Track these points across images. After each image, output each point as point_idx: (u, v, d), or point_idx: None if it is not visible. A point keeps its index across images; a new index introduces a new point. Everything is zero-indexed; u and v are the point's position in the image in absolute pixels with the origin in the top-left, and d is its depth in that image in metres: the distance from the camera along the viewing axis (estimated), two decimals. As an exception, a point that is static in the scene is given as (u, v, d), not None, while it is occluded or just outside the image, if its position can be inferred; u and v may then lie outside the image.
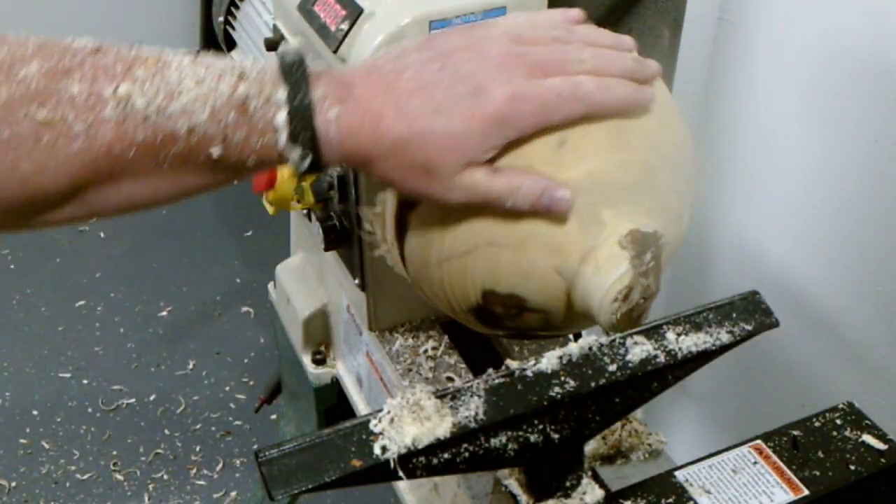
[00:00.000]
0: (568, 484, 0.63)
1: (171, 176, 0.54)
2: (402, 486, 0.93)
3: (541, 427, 0.57)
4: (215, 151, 0.53)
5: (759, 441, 0.67)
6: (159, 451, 2.02)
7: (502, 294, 0.62)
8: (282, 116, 0.53)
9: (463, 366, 0.91)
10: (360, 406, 1.07)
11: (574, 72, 0.56)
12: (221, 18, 1.82)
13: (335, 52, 0.81)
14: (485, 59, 0.55)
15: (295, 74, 0.53)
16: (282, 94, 0.53)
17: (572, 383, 0.56)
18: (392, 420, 0.54)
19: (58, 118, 0.51)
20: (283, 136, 0.53)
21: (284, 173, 0.94)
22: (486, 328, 0.67)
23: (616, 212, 0.59)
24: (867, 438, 0.67)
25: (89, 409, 2.13)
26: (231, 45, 1.88)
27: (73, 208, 0.54)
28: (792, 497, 0.63)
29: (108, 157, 0.52)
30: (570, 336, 0.81)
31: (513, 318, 0.64)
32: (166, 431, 2.07)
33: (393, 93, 0.54)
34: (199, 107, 0.52)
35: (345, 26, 0.80)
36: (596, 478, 0.65)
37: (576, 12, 0.61)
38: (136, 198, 0.56)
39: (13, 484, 1.94)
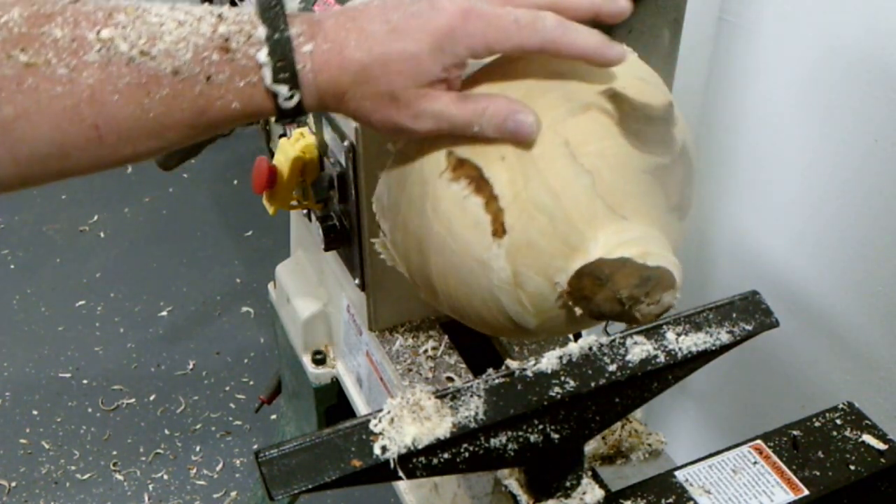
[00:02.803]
0: (568, 484, 0.63)
1: (156, 127, 0.54)
2: (402, 486, 0.93)
3: (541, 427, 0.57)
4: (199, 94, 0.53)
5: (759, 441, 0.67)
6: (159, 451, 2.02)
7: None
8: (263, 52, 0.53)
9: (463, 366, 0.91)
10: (360, 406, 1.07)
11: (538, 5, 0.56)
12: (221, 18, 1.81)
13: (335, 52, 0.81)
14: None
15: (272, 12, 0.54)
16: (261, 31, 0.53)
17: (572, 383, 0.57)
18: (392, 420, 0.54)
19: (41, 61, 0.51)
20: (268, 73, 0.54)
21: (284, 173, 0.94)
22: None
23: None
24: (867, 438, 0.67)
25: (89, 409, 2.13)
26: (231, 45, 1.87)
27: (59, 161, 0.53)
28: (792, 497, 0.63)
29: (92, 103, 0.52)
30: (570, 336, 0.81)
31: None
32: (166, 431, 2.07)
33: (357, 21, 0.55)
34: (183, 47, 0.52)
35: (345, 26, 0.80)
36: (596, 478, 0.65)
37: None
38: (122, 154, 0.55)
39: (13, 484, 1.94)
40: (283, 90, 0.54)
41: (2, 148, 0.52)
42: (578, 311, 0.59)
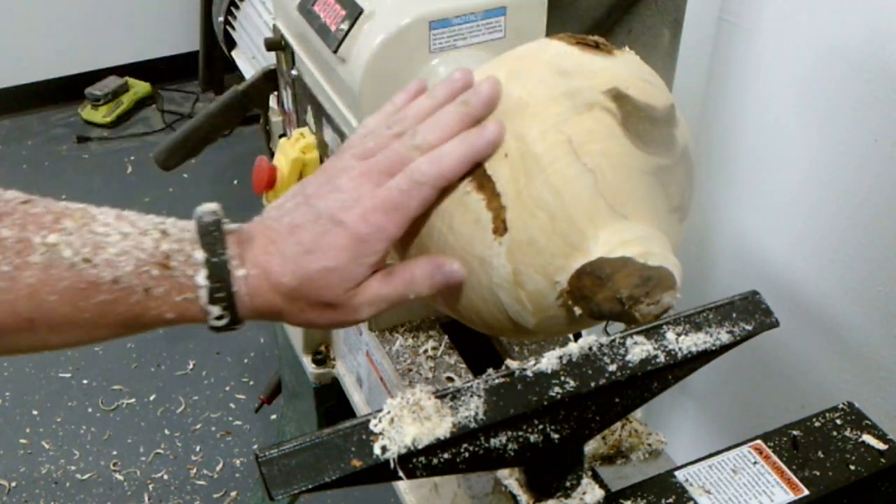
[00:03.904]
0: (568, 484, 0.63)
1: (88, 325, 0.56)
2: (402, 486, 0.93)
3: (541, 427, 0.57)
4: (135, 303, 0.55)
5: (759, 441, 0.67)
6: (159, 451, 2.02)
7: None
8: (202, 275, 0.56)
9: (463, 366, 0.91)
10: (360, 406, 1.07)
11: (412, 159, 0.58)
12: (221, 18, 1.81)
13: (335, 51, 0.81)
14: (338, 191, 0.58)
15: (211, 235, 0.57)
16: (199, 255, 0.56)
17: (572, 383, 0.56)
18: (392, 420, 0.54)
19: None
20: (204, 294, 0.56)
21: (284, 173, 0.94)
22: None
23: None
24: (867, 438, 0.67)
25: (89, 409, 2.13)
26: (231, 45, 1.88)
27: None
28: (792, 497, 0.63)
29: (30, 300, 0.53)
30: (570, 336, 0.81)
31: None
32: (166, 431, 2.07)
33: (275, 243, 0.58)
34: (124, 260, 0.54)
35: (345, 26, 0.80)
36: (596, 478, 0.65)
37: (413, 85, 0.63)
38: (51, 343, 0.57)
39: (13, 484, 1.94)
40: (215, 310, 0.56)
41: None
42: (578, 310, 0.59)
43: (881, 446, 0.66)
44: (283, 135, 1.07)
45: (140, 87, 3.35)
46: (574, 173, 0.58)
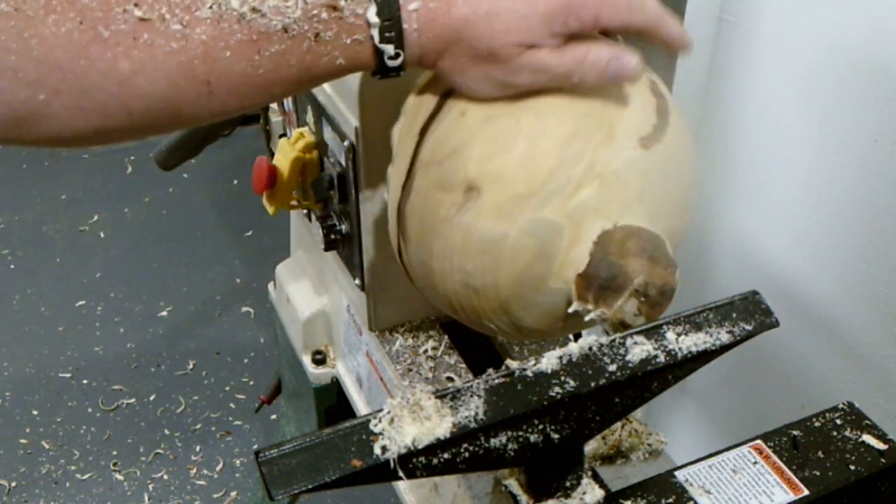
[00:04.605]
0: (568, 484, 0.63)
1: (264, 82, 0.55)
2: (402, 486, 0.93)
3: (541, 427, 0.57)
4: (307, 50, 0.54)
5: (759, 441, 0.67)
6: (159, 451, 2.02)
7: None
8: (372, 11, 0.54)
9: (463, 366, 0.91)
10: (360, 406, 1.07)
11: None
12: (221, 18, 1.81)
13: (335, 52, 0.81)
14: None
15: None
16: None
17: (572, 383, 0.56)
18: (392, 420, 0.54)
19: (155, 17, 0.51)
20: (376, 32, 0.54)
21: (284, 173, 0.94)
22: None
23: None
24: (867, 438, 0.67)
25: (89, 409, 2.13)
26: (231, 45, 1.87)
27: (169, 114, 0.54)
28: (792, 497, 0.63)
29: (205, 57, 0.52)
30: (570, 336, 0.81)
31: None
32: (166, 431, 2.07)
33: None
34: (292, 5, 0.53)
35: (345, 26, 0.80)
36: (596, 478, 0.65)
37: None
38: (229, 108, 0.56)
39: (13, 484, 1.95)
40: (389, 49, 0.55)
41: (117, 101, 0.52)
42: (596, 312, 0.59)
43: (881, 446, 0.66)
44: (283, 135, 1.07)
45: (140, 87, 3.35)
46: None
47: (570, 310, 0.60)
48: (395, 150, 0.65)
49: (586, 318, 0.59)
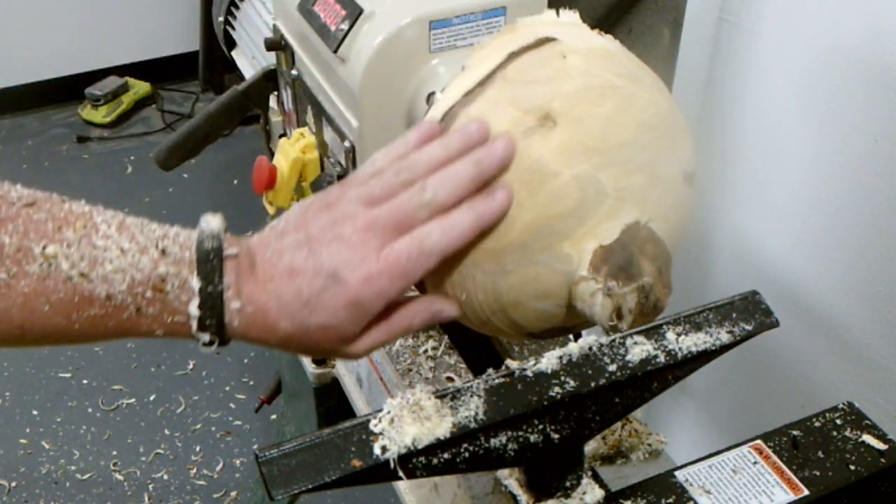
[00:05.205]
0: (568, 484, 0.63)
1: (77, 336, 0.56)
2: (402, 486, 0.93)
3: (541, 427, 0.57)
4: (126, 318, 0.55)
5: (759, 441, 0.67)
6: (159, 451, 2.02)
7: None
8: (195, 304, 0.55)
9: (463, 366, 0.91)
10: (360, 406, 1.07)
11: (421, 220, 0.58)
12: (221, 18, 1.81)
13: (335, 51, 0.81)
14: (341, 241, 0.57)
15: (210, 263, 0.56)
16: (195, 282, 0.55)
17: (572, 383, 0.56)
18: (392, 420, 0.54)
19: None
20: (195, 323, 0.56)
21: (284, 173, 0.94)
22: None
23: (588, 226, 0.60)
24: (867, 438, 0.67)
25: (89, 409, 2.13)
26: (231, 44, 1.88)
27: None
28: (792, 497, 0.63)
29: (23, 309, 0.54)
30: (570, 336, 0.81)
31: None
32: (166, 431, 2.07)
33: (272, 282, 0.57)
34: (120, 277, 0.54)
35: (345, 26, 0.80)
36: (596, 478, 0.65)
37: (426, 128, 0.62)
38: (38, 345, 0.58)
39: (13, 484, 1.94)
40: (204, 336, 0.56)
41: None
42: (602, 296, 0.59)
43: (881, 446, 0.66)
44: (283, 135, 1.07)
45: (140, 87, 3.35)
46: None
47: (577, 275, 0.60)
48: (467, 66, 0.65)
49: (588, 291, 0.59)
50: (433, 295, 0.63)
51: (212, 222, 0.59)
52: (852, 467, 0.65)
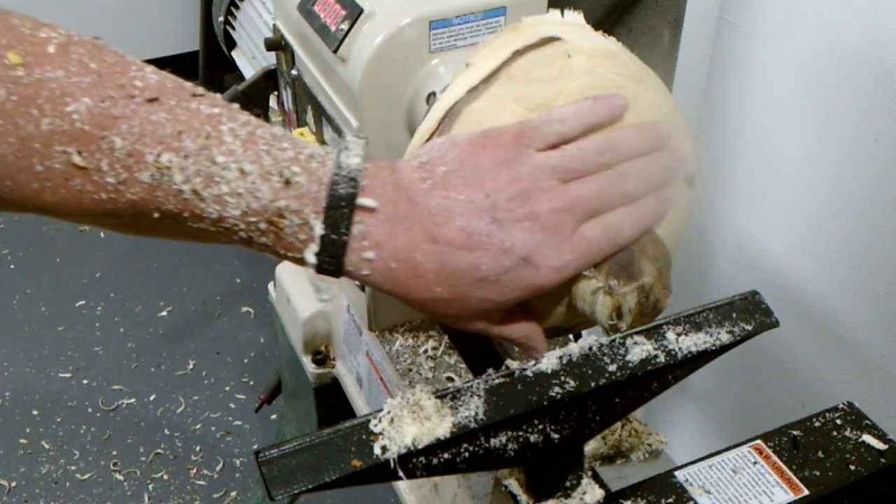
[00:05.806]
0: (568, 484, 0.63)
1: (187, 237, 0.53)
2: (402, 486, 0.93)
3: (541, 427, 0.57)
4: (237, 240, 0.52)
5: (759, 441, 0.67)
6: (159, 451, 2.02)
7: None
8: (311, 251, 0.51)
9: (463, 366, 0.91)
10: (360, 406, 1.07)
11: (614, 206, 0.56)
12: (221, 18, 1.82)
13: (335, 51, 0.81)
14: (535, 221, 0.52)
15: (340, 211, 0.51)
16: (319, 228, 0.51)
17: (572, 383, 0.56)
18: (392, 420, 0.54)
19: (93, 167, 0.49)
20: (312, 263, 0.52)
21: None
22: None
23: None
24: (867, 438, 0.67)
25: (89, 409, 2.13)
26: (231, 44, 1.88)
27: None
28: (792, 497, 0.63)
29: (131, 211, 0.51)
30: (570, 336, 0.81)
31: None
32: (166, 431, 2.07)
33: (437, 245, 0.52)
34: (234, 202, 0.50)
35: (345, 26, 0.80)
36: (596, 478, 0.65)
37: (618, 101, 0.59)
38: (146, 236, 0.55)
39: (13, 484, 1.94)
40: (320, 270, 0.53)
41: (25, 210, 0.51)
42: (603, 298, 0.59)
43: (881, 446, 0.66)
44: (283, 135, 1.07)
45: (140, 87, 3.35)
46: None
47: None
48: (471, 63, 0.65)
49: (589, 289, 0.59)
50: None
51: (353, 153, 0.52)
52: (852, 467, 0.65)
